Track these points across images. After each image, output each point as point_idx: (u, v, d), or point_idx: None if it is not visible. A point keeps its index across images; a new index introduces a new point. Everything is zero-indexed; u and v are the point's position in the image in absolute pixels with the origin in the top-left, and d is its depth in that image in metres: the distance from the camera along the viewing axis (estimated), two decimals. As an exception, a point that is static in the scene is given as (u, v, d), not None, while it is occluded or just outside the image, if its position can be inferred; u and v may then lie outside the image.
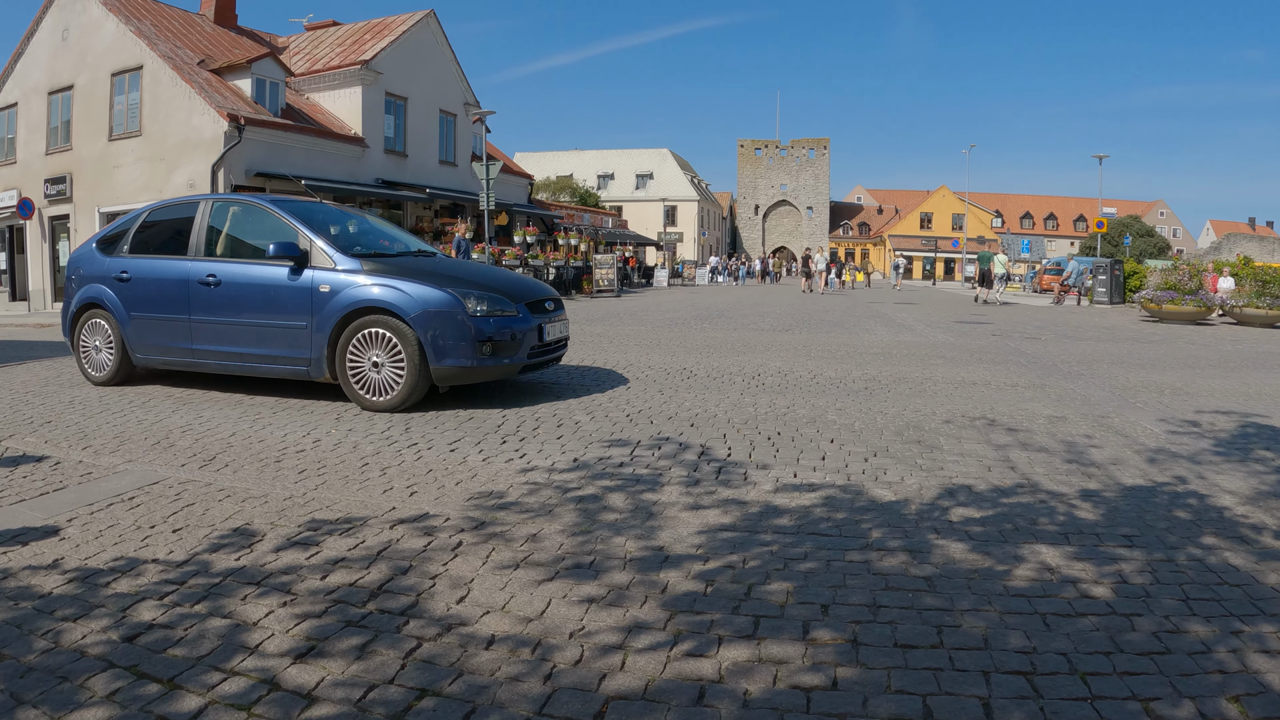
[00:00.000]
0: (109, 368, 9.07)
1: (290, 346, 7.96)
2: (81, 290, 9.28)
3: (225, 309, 8.24)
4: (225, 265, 8.34)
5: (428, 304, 7.59)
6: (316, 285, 7.84)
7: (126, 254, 9.06)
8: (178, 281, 8.49)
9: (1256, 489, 5.35)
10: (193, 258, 8.51)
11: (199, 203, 8.89)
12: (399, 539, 4.26)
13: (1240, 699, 2.79)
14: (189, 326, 8.44)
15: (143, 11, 28.25)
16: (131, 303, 8.82)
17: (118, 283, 8.94)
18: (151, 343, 8.76)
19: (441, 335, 7.55)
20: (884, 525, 4.53)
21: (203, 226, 8.62)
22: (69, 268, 9.74)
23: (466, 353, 7.62)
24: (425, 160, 33.76)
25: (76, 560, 3.97)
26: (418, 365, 7.50)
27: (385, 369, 7.60)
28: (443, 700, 2.75)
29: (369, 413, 7.58)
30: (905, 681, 2.89)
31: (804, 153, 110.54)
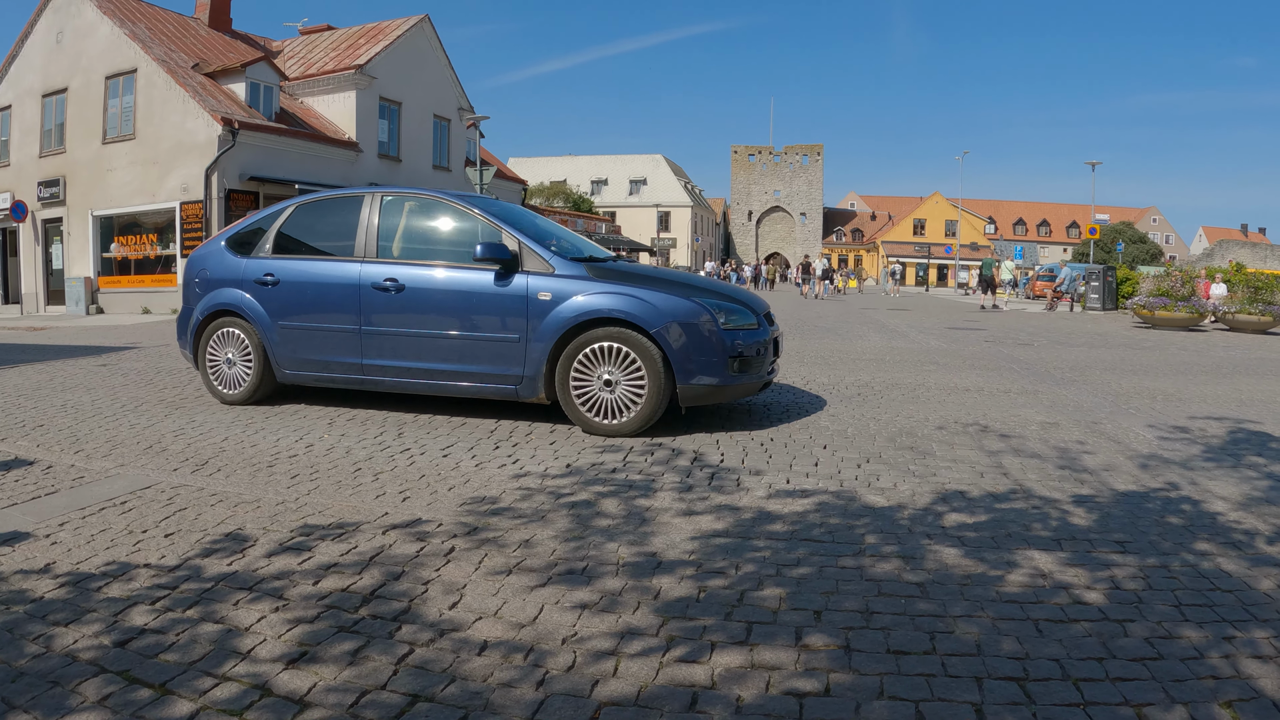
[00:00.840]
0: (246, 384, 8.03)
1: (496, 363, 7.05)
2: (209, 295, 8.19)
3: (410, 319, 7.30)
4: (408, 268, 7.35)
5: (675, 315, 6.74)
6: (533, 293, 6.93)
7: (270, 254, 8.01)
8: (345, 286, 7.50)
9: (1249, 495, 5.37)
10: (362, 259, 7.55)
11: (364, 197, 7.90)
12: (392, 544, 4.26)
13: (1233, 704, 2.79)
14: (358, 338, 7.46)
15: (137, 15, 28.23)
16: (280, 310, 7.78)
17: (260, 287, 7.87)
18: (306, 356, 7.74)
19: (691, 350, 6.71)
20: (877, 531, 4.53)
21: (372, 224, 7.64)
22: (189, 269, 8.54)
23: (718, 369, 6.79)
24: (419, 165, 33.74)
25: (68, 564, 3.96)
26: (661, 384, 6.67)
27: (620, 388, 6.75)
28: (435, 706, 2.75)
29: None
30: (898, 687, 2.89)
31: (797, 159, 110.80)
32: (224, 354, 8.13)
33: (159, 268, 25.96)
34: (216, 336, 8.16)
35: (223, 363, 8.15)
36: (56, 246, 28.69)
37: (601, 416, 6.80)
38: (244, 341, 8.00)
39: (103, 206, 26.89)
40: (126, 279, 26.77)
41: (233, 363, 8.08)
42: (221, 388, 8.17)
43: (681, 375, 6.69)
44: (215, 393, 8.24)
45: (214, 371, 8.22)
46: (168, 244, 25.60)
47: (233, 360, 8.08)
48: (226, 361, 8.12)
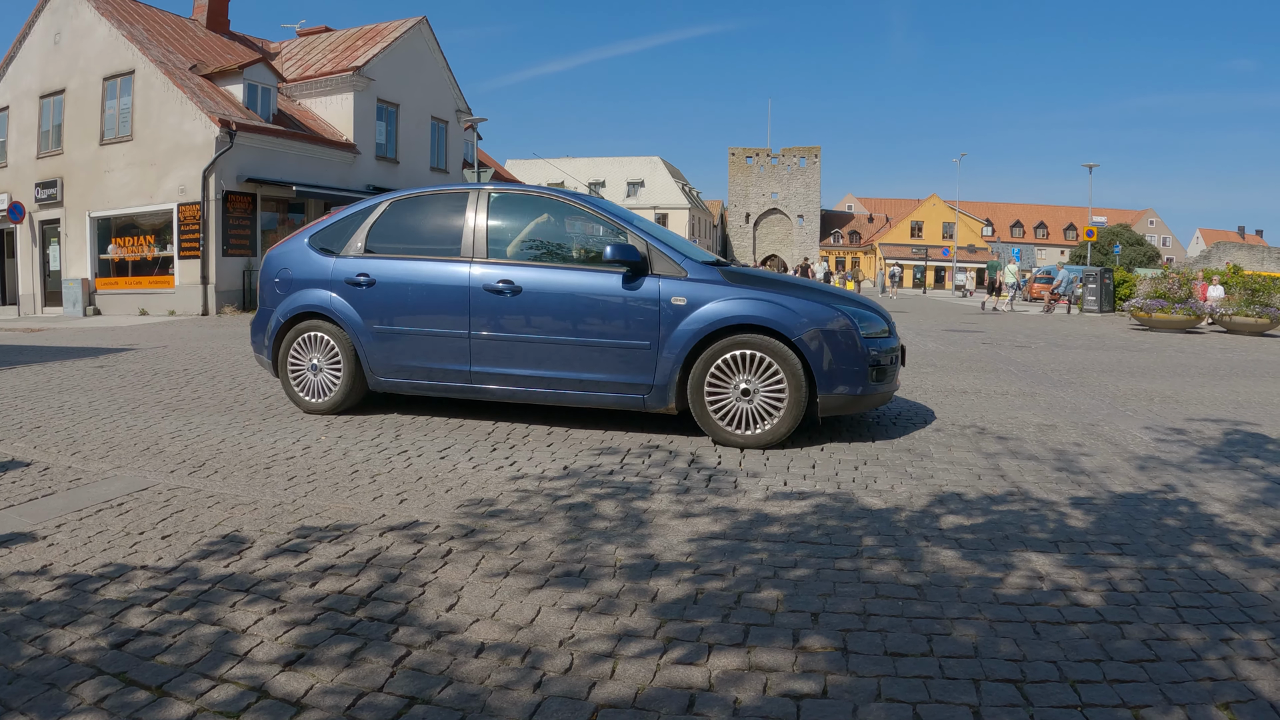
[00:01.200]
0: (334, 391, 7.58)
1: (623, 371, 6.69)
2: (292, 296, 7.70)
3: (527, 324, 6.90)
4: (525, 270, 6.95)
5: (816, 322, 6.45)
6: (666, 297, 6.59)
7: (362, 253, 7.53)
8: (453, 288, 7.07)
9: (1246, 496, 5.37)
10: (469, 259, 7.14)
11: (468, 193, 7.45)
12: (389, 546, 4.25)
13: (1230, 706, 2.80)
14: (467, 344, 7.05)
15: (135, 16, 28.22)
16: (375, 313, 7.33)
17: (352, 288, 7.42)
18: (405, 363, 7.29)
19: (833, 358, 6.44)
20: (874, 533, 4.53)
21: (480, 222, 7.21)
22: (268, 269, 8.02)
23: (858, 379, 6.51)
24: (417, 167, 33.73)
25: (65, 566, 3.96)
26: (801, 393, 6.38)
27: (758, 398, 6.45)
28: (432, 708, 2.75)
29: None
30: (895, 689, 2.89)
31: (795, 161, 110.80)
32: (308, 359, 7.68)
33: (156, 269, 25.94)
34: (300, 341, 7.69)
35: (307, 369, 7.69)
36: (54, 248, 28.67)
37: (738, 427, 6.49)
38: (332, 346, 7.56)
39: (100, 208, 26.88)
40: (124, 280, 26.75)
41: (318, 369, 7.64)
42: (305, 395, 7.73)
43: (823, 384, 6.43)
44: (298, 401, 7.78)
45: (297, 378, 7.76)
46: (165, 245, 25.58)
47: (318, 366, 7.64)
48: (311, 367, 7.67)
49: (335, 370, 7.56)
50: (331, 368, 7.58)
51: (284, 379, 7.82)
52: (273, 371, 7.92)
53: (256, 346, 8.09)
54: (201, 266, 24.51)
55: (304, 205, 28.15)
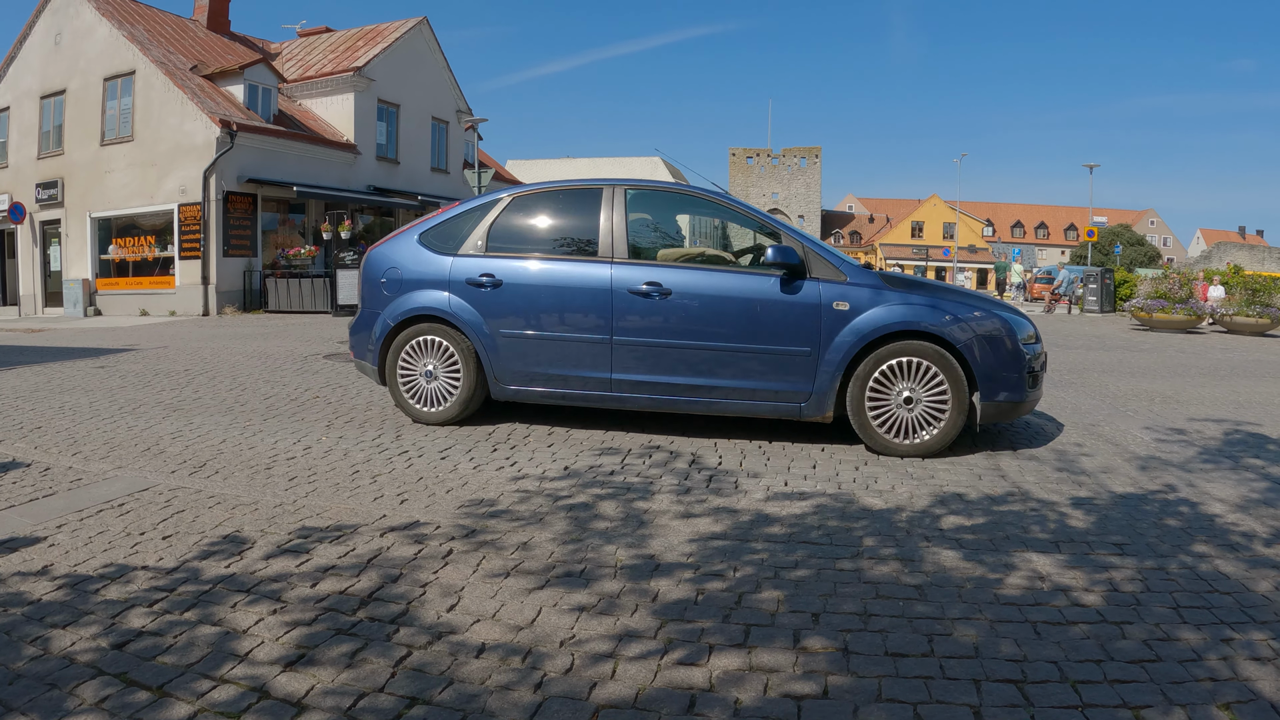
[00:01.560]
0: (452, 400, 7.13)
1: (780, 378, 6.40)
2: (404, 298, 7.24)
3: (676, 328, 6.53)
4: (674, 271, 6.61)
5: (978, 327, 6.31)
6: (827, 302, 6.31)
7: (484, 252, 7.09)
8: (593, 290, 6.69)
9: (1246, 496, 5.37)
10: (609, 259, 6.76)
11: (601, 189, 6.99)
12: (389, 547, 4.26)
13: (1231, 706, 2.80)
14: (608, 350, 6.67)
15: (135, 16, 28.22)
16: (502, 316, 6.91)
17: (475, 289, 6.98)
18: (536, 369, 6.89)
19: (995, 365, 6.27)
20: (875, 533, 4.53)
21: (618, 220, 6.82)
22: (372, 269, 7.54)
23: (1018, 385, 6.33)
24: (417, 167, 33.74)
25: (66, 567, 3.96)
26: (964, 401, 6.22)
27: (919, 406, 6.27)
28: (433, 709, 2.75)
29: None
30: (896, 690, 2.89)
31: (795, 161, 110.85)
32: (422, 366, 7.21)
33: (157, 270, 25.93)
34: (413, 345, 7.22)
35: (420, 376, 7.22)
36: (54, 248, 28.66)
37: (899, 436, 6.29)
38: (449, 351, 7.10)
39: (101, 208, 26.87)
40: (124, 281, 26.75)
41: (434, 375, 7.17)
42: (418, 404, 7.26)
43: (985, 391, 6.26)
44: (409, 410, 7.31)
45: (408, 386, 7.28)
46: (166, 246, 25.57)
47: (434, 373, 7.17)
48: (426, 374, 7.20)
49: (453, 377, 7.12)
50: (449, 375, 7.14)
51: (393, 387, 7.34)
52: (377, 379, 7.45)
53: (358, 352, 7.65)
54: (202, 267, 24.50)
55: (304, 206, 28.16)
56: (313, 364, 11.59)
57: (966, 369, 6.25)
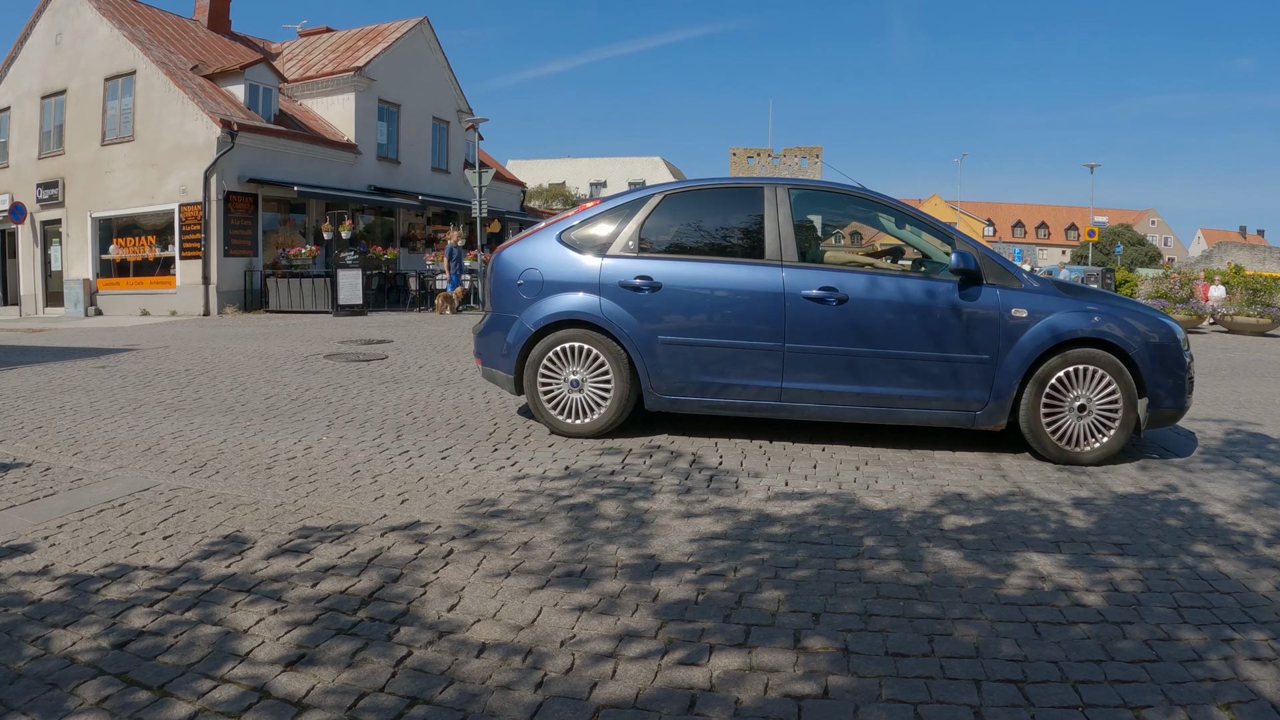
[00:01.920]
0: (603, 410, 6.73)
1: (956, 386, 6.25)
2: (545, 301, 6.80)
3: (853, 336, 6.30)
4: (848, 276, 6.38)
5: (1149, 335, 6.22)
6: (1006, 309, 6.18)
7: (636, 252, 6.74)
8: (765, 295, 6.39)
9: (1247, 496, 5.37)
10: (778, 262, 6.47)
11: (763, 188, 6.72)
12: (390, 546, 4.26)
13: (1232, 706, 2.80)
14: (780, 358, 6.38)
15: (136, 16, 28.20)
16: (661, 321, 6.55)
17: (630, 293, 6.60)
18: (698, 379, 6.54)
19: (1163, 372, 6.19)
20: (876, 533, 4.53)
21: (784, 221, 6.53)
22: (506, 270, 7.05)
23: (1180, 393, 6.24)
24: (418, 167, 33.71)
25: (67, 566, 3.96)
26: (1133, 408, 6.14)
27: (1092, 414, 6.16)
28: (434, 708, 2.75)
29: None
30: (897, 690, 2.89)
31: (796, 161, 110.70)
32: (567, 374, 6.78)
33: (158, 269, 25.91)
34: (556, 353, 6.78)
35: (565, 385, 6.80)
36: (55, 248, 28.64)
37: (1071, 444, 6.18)
38: (598, 359, 6.70)
39: (101, 208, 26.85)
40: (125, 281, 26.73)
41: (580, 385, 6.76)
42: (562, 416, 6.83)
43: (1153, 399, 6.16)
44: (551, 422, 6.87)
45: (550, 395, 6.84)
46: (166, 246, 25.55)
47: (580, 382, 6.76)
48: (571, 383, 6.78)
49: (603, 386, 6.72)
50: (597, 383, 6.74)
51: (532, 397, 6.88)
52: (512, 388, 6.98)
53: (487, 359, 7.21)
54: (203, 267, 24.48)
55: (305, 206, 28.15)
56: (313, 364, 11.59)
57: (1137, 376, 6.17)
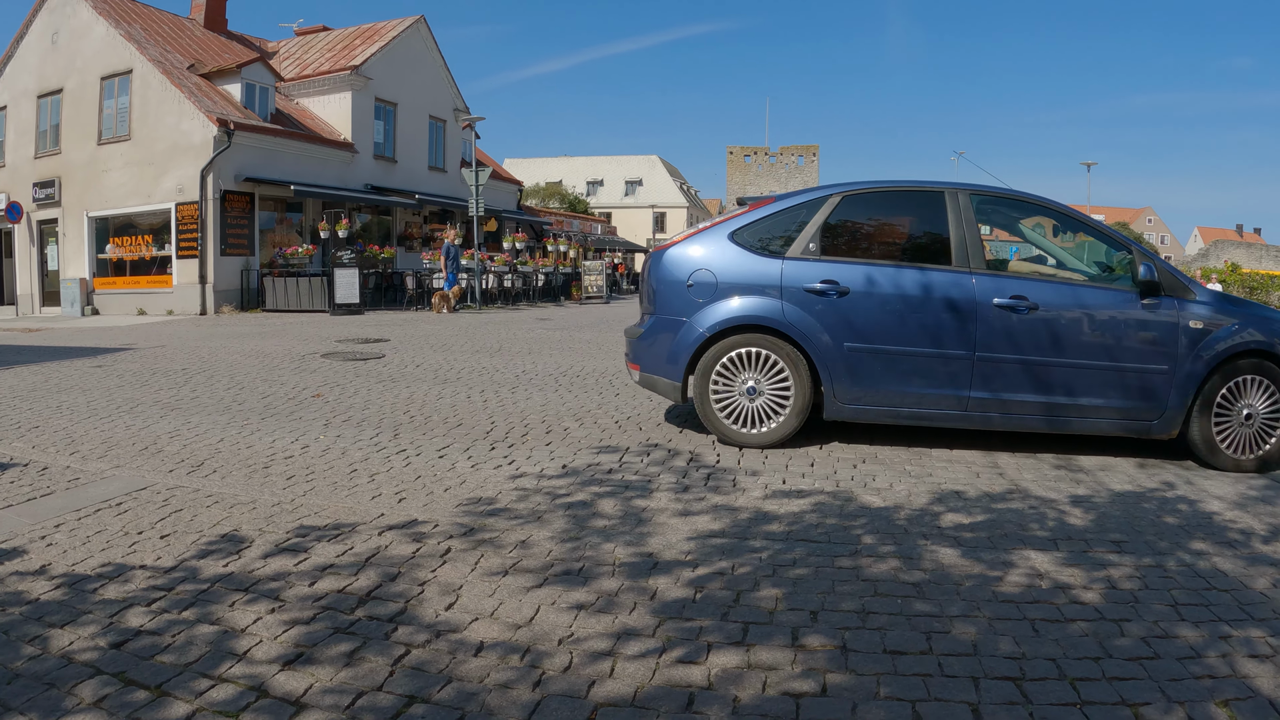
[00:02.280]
0: (781, 419, 6.41)
1: (1134, 396, 6.19)
2: (721, 305, 6.51)
3: (1040, 345, 6.20)
4: (1036, 284, 6.30)
5: None
6: (1185, 320, 6.15)
7: (818, 255, 6.51)
8: (955, 303, 6.25)
9: (1244, 494, 5.38)
10: (964, 269, 6.32)
11: (943, 193, 6.54)
12: (388, 545, 4.25)
13: (1230, 703, 2.80)
14: (968, 367, 6.24)
15: (132, 15, 28.17)
16: (848, 328, 6.32)
17: (815, 297, 6.35)
18: (880, 387, 6.34)
19: None
20: (874, 531, 4.53)
21: (969, 226, 6.40)
22: (671, 270, 6.74)
23: None
24: (415, 166, 33.70)
25: (64, 566, 3.95)
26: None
27: (1257, 422, 6.15)
28: (432, 707, 2.75)
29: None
30: (895, 687, 2.89)
31: (793, 159, 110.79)
32: (742, 381, 6.48)
33: (154, 269, 25.88)
34: (731, 359, 6.48)
35: (740, 393, 6.48)
36: (52, 247, 28.61)
37: (1239, 452, 6.16)
38: (777, 366, 6.41)
39: (98, 207, 26.82)
40: (122, 280, 26.70)
41: (757, 392, 6.45)
42: (737, 425, 6.49)
43: None
44: (724, 432, 6.52)
45: (723, 404, 6.51)
46: (163, 245, 25.52)
47: (757, 389, 6.44)
48: (747, 391, 6.46)
49: (782, 394, 6.42)
50: (775, 392, 6.43)
51: (704, 405, 6.55)
52: (678, 396, 6.69)
53: (647, 364, 6.89)
54: (199, 266, 24.45)
55: (302, 205, 28.14)
56: (310, 363, 11.58)
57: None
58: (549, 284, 33.69)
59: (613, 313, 25.77)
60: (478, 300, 25.86)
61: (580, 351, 13.54)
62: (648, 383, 6.91)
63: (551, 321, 20.65)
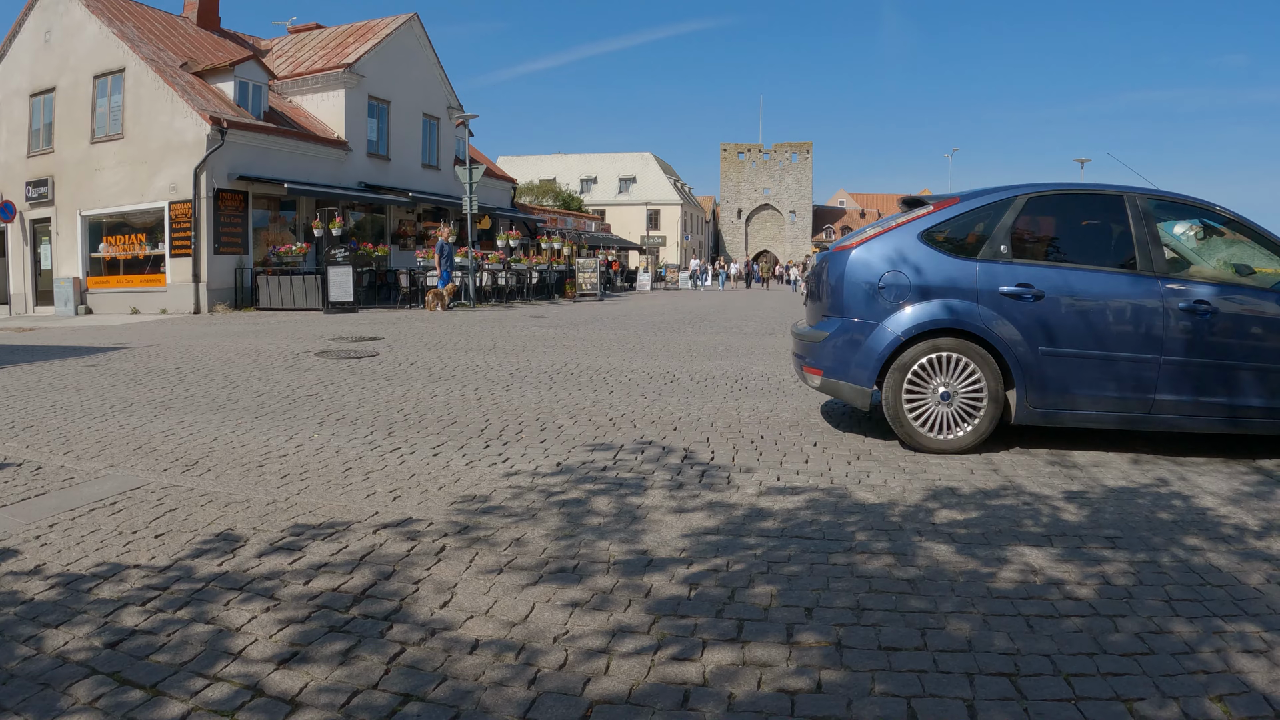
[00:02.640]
0: (973, 425, 6.30)
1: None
2: (918, 308, 6.37)
3: (1222, 349, 6.18)
4: (1214, 289, 6.22)
5: None
6: None
7: (1009, 258, 6.43)
8: (1145, 307, 6.20)
9: (1238, 489, 5.39)
10: (1149, 273, 6.27)
11: (1121, 196, 6.51)
12: (382, 544, 4.25)
13: (1224, 699, 2.80)
14: (1155, 370, 6.18)
15: (125, 14, 28.10)
16: (1043, 331, 6.24)
17: (1011, 300, 6.27)
18: (1072, 391, 6.24)
19: None
20: (868, 528, 4.54)
21: (1150, 230, 6.38)
22: (864, 271, 6.55)
23: None
24: (408, 164, 33.68)
25: (58, 566, 3.95)
26: None
27: None
28: (427, 705, 2.74)
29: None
30: (889, 684, 2.89)
31: (786, 156, 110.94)
32: (934, 386, 6.36)
33: (148, 268, 25.85)
34: (926, 363, 6.35)
35: (930, 398, 6.35)
36: (45, 247, 28.55)
37: None
38: (970, 370, 6.31)
39: (91, 206, 26.77)
40: (115, 279, 26.66)
41: (950, 398, 6.33)
42: (928, 431, 6.35)
43: None
44: (915, 437, 6.36)
45: (916, 409, 6.36)
46: (156, 244, 25.49)
47: (950, 394, 6.33)
48: (940, 396, 6.34)
49: (974, 399, 6.32)
50: (968, 396, 6.33)
51: (896, 410, 6.37)
52: (864, 402, 6.55)
53: (833, 368, 6.67)
54: (193, 265, 24.42)
55: (295, 203, 28.11)
56: (304, 361, 11.56)
57: None
58: (543, 281, 33.72)
59: (607, 310, 25.77)
60: (472, 298, 25.87)
61: (574, 349, 13.54)
62: (831, 388, 6.71)
63: (545, 319, 20.65)
